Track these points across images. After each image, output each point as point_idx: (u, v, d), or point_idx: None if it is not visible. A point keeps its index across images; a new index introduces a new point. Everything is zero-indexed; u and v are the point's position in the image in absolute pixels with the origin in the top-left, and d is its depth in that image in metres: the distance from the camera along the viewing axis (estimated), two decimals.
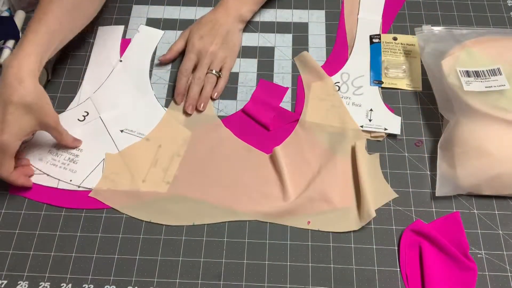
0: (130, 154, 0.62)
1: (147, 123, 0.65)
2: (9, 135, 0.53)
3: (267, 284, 0.54)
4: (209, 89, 0.66)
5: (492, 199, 0.59)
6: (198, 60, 0.67)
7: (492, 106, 0.58)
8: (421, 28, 0.67)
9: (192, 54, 0.67)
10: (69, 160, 0.62)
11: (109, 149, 0.63)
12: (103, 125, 0.64)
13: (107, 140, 0.63)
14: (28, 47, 0.54)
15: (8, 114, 0.52)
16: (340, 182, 0.60)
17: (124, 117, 0.65)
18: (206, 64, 0.67)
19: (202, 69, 0.66)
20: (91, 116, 0.65)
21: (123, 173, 0.61)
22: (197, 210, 0.59)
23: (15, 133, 0.53)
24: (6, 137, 0.53)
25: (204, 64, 0.66)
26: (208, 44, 0.67)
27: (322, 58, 0.71)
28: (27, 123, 0.54)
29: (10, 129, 0.53)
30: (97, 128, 0.64)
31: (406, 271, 0.54)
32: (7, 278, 0.55)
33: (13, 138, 0.53)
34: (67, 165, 0.62)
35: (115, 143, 0.63)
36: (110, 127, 0.64)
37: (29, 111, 0.54)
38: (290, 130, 0.64)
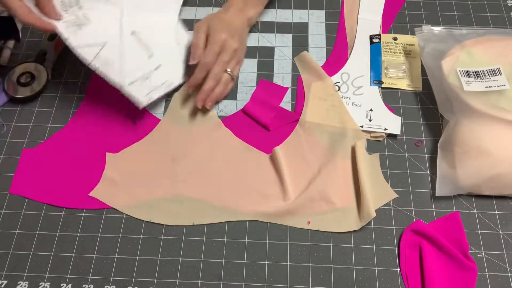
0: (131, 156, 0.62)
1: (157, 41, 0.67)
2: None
3: (267, 284, 0.54)
4: (222, 89, 0.65)
5: (492, 199, 0.59)
6: (218, 54, 0.64)
7: (492, 106, 0.58)
8: (421, 28, 0.67)
9: (217, 47, 0.63)
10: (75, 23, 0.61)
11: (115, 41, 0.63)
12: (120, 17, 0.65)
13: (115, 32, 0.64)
14: None
15: None
16: (340, 182, 0.60)
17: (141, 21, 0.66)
18: (226, 61, 0.64)
19: (222, 65, 0.64)
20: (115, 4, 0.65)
21: (123, 173, 0.61)
22: (197, 210, 0.59)
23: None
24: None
25: (224, 61, 0.64)
26: (230, 40, 0.64)
27: (322, 58, 0.71)
28: None
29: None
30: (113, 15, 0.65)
31: (406, 271, 0.54)
32: (7, 278, 0.55)
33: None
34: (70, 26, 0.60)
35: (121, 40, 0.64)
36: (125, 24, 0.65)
37: None
38: (290, 130, 0.64)
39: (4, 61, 0.70)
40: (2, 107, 0.68)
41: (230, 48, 0.64)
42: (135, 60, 0.64)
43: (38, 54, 0.70)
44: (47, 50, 0.70)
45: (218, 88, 0.64)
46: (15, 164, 0.63)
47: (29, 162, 0.63)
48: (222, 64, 0.64)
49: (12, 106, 0.68)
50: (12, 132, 0.65)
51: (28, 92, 0.67)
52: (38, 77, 0.68)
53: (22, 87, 0.67)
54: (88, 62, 0.60)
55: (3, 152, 0.64)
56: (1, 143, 0.65)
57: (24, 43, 0.73)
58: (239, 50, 0.66)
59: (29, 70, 0.68)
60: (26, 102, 0.68)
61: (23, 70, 0.68)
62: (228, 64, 0.65)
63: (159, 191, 0.60)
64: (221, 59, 0.64)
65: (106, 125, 0.66)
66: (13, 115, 0.67)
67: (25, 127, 0.66)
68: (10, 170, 0.62)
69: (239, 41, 0.66)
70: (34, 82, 0.67)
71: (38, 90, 0.67)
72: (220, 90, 0.65)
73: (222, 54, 0.64)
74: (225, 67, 0.64)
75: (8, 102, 0.68)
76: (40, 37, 0.73)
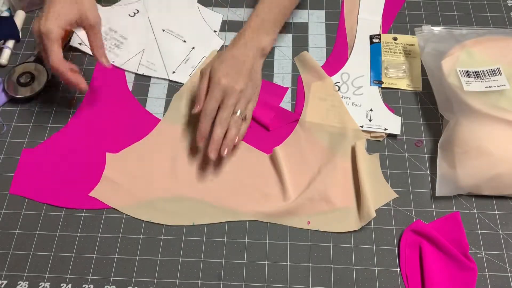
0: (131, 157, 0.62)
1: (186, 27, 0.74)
2: (51, 21, 0.56)
3: (267, 284, 0.54)
4: (235, 133, 0.59)
5: (492, 199, 0.59)
6: (222, 99, 0.59)
7: (492, 106, 0.58)
8: (421, 28, 0.67)
9: (217, 93, 0.58)
10: (115, 45, 0.72)
11: (151, 44, 0.72)
12: (149, 23, 0.74)
13: (150, 36, 0.73)
14: None
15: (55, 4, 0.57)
16: (340, 182, 0.60)
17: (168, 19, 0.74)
18: (232, 104, 0.59)
19: (228, 110, 0.58)
20: (141, 14, 0.76)
21: (123, 173, 0.61)
22: (197, 210, 0.59)
23: (56, 19, 0.57)
24: (49, 23, 0.56)
25: (229, 105, 0.58)
26: (233, 82, 0.59)
27: (322, 58, 0.71)
28: (70, 12, 0.58)
29: (53, 17, 0.56)
30: (143, 24, 0.74)
31: (406, 271, 0.54)
32: (7, 278, 0.55)
33: (54, 23, 0.56)
34: (112, 49, 0.72)
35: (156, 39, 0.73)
36: (155, 26, 0.74)
37: (75, 2, 0.58)
38: (290, 130, 0.64)
39: (4, 61, 0.71)
40: (2, 107, 0.68)
41: (233, 91, 0.59)
42: (173, 49, 0.72)
43: (38, 54, 0.70)
44: None
45: (229, 133, 0.59)
46: (15, 164, 0.63)
47: (29, 162, 0.63)
48: (227, 108, 0.59)
49: (12, 106, 0.68)
50: (12, 132, 0.65)
51: (28, 92, 0.67)
52: (38, 77, 0.68)
53: (22, 87, 0.67)
54: (134, 72, 0.70)
55: (3, 152, 0.64)
56: (1, 143, 0.65)
57: (24, 43, 0.73)
58: (247, 90, 0.61)
59: (29, 70, 0.68)
60: (26, 102, 0.68)
61: (23, 70, 0.68)
62: (238, 105, 0.60)
63: (159, 191, 0.60)
64: (225, 103, 0.59)
65: (106, 125, 0.66)
66: (13, 115, 0.67)
67: (25, 127, 0.66)
68: (10, 170, 0.62)
69: (244, 81, 0.60)
70: (34, 82, 0.67)
71: (38, 90, 0.67)
72: (233, 135, 0.59)
73: (227, 98, 0.59)
74: (231, 110, 0.59)
75: (8, 102, 0.68)
76: None
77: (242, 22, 0.75)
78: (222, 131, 0.58)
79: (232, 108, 0.59)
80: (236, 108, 0.59)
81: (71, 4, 0.58)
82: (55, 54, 0.57)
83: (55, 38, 0.57)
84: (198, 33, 0.74)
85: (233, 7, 0.77)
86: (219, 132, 0.58)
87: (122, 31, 0.74)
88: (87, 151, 0.63)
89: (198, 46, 0.72)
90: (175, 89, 0.69)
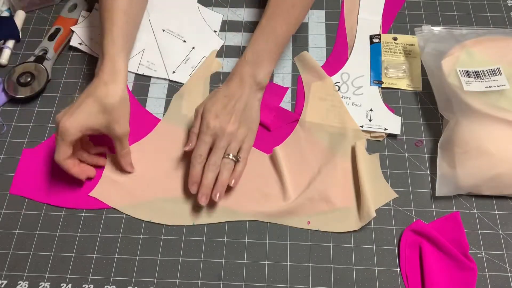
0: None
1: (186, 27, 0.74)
2: (73, 121, 0.54)
3: (267, 284, 0.54)
4: (226, 176, 0.57)
5: (492, 199, 0.59)
6: (213, 142, 0.57)
7: (492, 106, 0.58)
8: (421, 28, 0.67)
9: (207, 136, 0.57)
10: None
11: (151, 44, 0.72)
12: (150, 23, 0.74)
13: (150, 36, 0.73)
14: (113, 49, 0.58)
15: (83, 104, 0.55)
16: (340, 182, 0.60)
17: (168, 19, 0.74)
18: (223, 147, 0.57)
19: (218, 153, 0.57)
20: None
21: (123, 173, 0.61)
22: (197, 210, 0.59)
23: (78, 122, 0.54)
24: (69, 122, 0.54)
25: (220, 148, 0.57)
26: (224, 124, 0.57)
27: (322, 58, 0.71)
28: (95, 120, 0.55)
29: (76, 117, 0.54)
30: (143, 25, 0.73)
31: (406, 271, 0.54)
32: (7, 278, 0.55)
33: (75, 126, 0.54)
34: None
35: (156, 39, 0.73)
36: (155, 26, 0.74)
37: (104, 111, 0.55)
38: (290, 130, 0.64)
39: (4, 61, 0.71)
40: (2, 107, 0.68)
41: (224, 133, 0.57)
42: (173, 49, 0.72)
43: (38, 54, 0.70)
44: (47, 50, 0.70)
45: (220, 177, 0.57)
46: (15, 164, 0.63)
47: (29, 162, 0.63)
48: (218, 151, 0.57)
49: (12, 106, 0.68)
50: (12, 132, 0.65)
51: (28, 92, 0.67)
52: (38, 77, 0.68)
53: (22, 87, 0.67)
54: (134, 72, 0.70)
55: (3, 152, 0.64)
56: (1, 143, 0.65)
57: (24, 43, 0.73)
58: (239, 130, 0.58)
59: (29, 70, 0.68)
60: (26, 102, 0.68)
61: (23, 70, 0.68)
62: (230, 148, 0.58)
63: (159, 191, 0.60)
64: (216, 146, 0.57)
65: None
66: (13, 115, 0.67)
67: (25, 127, 0.66)
68: (10, 170, 0.62)
69: (236, 121, 0.58)
70: (34, 82, 0.67)
71: (38, 90, 0.67)
72: (224, 179, 0.57)
73: (217, 141, 0.57)
74: (221, 153, 0.57)
75: (8, 102, 0.68)
76: (40, 37, 0.73)
77: (242, 22, 0.75)
78: (213, 175, 0.57)
79: (223, 151, 0.57)
80: (228, 151, 0.58)
81: (99, 113, 0.55)
82: (62, 153, 0.55)
83: (68, 140, 0.54)
84: (198, 33, 0.74)
85: (233, 7, 0.77)
86: (210, 177, 0.56)
87: None
88: None
89: (198, 46, 0.73)
90: (175, 89, 0.69)
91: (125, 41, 0.60)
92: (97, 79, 0.57)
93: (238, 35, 0.74)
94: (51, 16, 0.76)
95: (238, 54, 0.72)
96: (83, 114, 0.55)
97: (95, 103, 0.55)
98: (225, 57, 0.72)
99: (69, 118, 0.54)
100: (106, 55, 0.58)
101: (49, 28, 0.74)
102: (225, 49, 0.73)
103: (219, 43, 0.73)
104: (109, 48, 0.58)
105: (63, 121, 0.54)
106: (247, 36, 0.74)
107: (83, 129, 0.55)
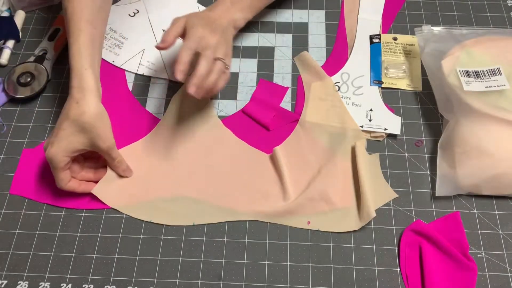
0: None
1: None
2: (56, 149, 0.54)
3: (267, 284, 0.54)
4: (216, 78, 0.57)
5: (492, 199, 0.59)
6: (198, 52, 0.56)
7: (492, 106, 0.58)
8: (421, 28, 0.67)
9: (192, 42, 0.56)
10: (115, 45, 0.72)
11: (151, 44, 0.72)
12: (149, 23, 0.74)
13: (150, 36, 0.73)
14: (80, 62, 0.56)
15: (61, 130, 0.54)
16: (340, 182, 0.60)
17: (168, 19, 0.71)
18: (211, 54, 0.56)
19: (208, 58, 0.56)
20: (141, 14, 0.76)
21: None
22: (197, 210, 0.59)
23: (62, 149, 0.54)
24: (53, 151, 0.54)
25: (208, 54, 0.56)
26: (209, 35, 0.57)
27: (322, 58, 0.71)
28: (77, 141, 0.55)
29: (58, 144, 0.54)
30: (143, 25, 0.74)
31: (406, 271, 0.54)
32: (7, 278, 0.55)
33: (60, 153, 0.54)
34: (112, 49, 0.72)
35: (156, 39, 0.73)
36: (155, 26, 0.74)
37: (83, 131, 0.54)
38: (290, 130, 0.64)
39: (4, 61, 0.71)
40: (2, 107, 0.68)
41: (208, 42, 0.56)
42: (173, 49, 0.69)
43: (38, 54, 0.70)
44: (47, 50, 0.70)
45: (211, 76, 0.56)
46: (15, 164, 0.63)
47: (29, 162, 0.63)
48: (207, 57, 0.56)
49: (12, 106, 0.68)
50: (12, 132, 0.65)
51: (28, 92, 0.67)
52: (38, 77, 0.68)
53: (22, 87, 0.67)
54: (134, 72, 0.70)
55: (3, 152, 0.64)
56: (1, 143, 0.65)
57: (24, 43, 0.73)
58: (221, 45, 0.58)
59: (29, 70, 0.68)
60: (26, 102, 0.68)
61: (23, 70, 0.68)
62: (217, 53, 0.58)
63: (159, 191, 0.60)
64: (204, 54, 0.56)
65: None
66: (13, 115, 0.67)
67: (25, 127, 0.66)
68: (10, 170, 0.62)
69: (220, 36, 0.58)
70: (34, 82, 0.67)
71: (38, 90, 0.67)
72: (214, 79, 0.57)
73: (204, 50, 0.56)
74: (211, 58, 0.56)
75: (8, 102, 0.68)
76: (40, 37, 0.73)
77: None
78: (207, 67, 0.55)
79: (211, 58, 0.56)
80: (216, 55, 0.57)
81: (79, 133, 0.54)
82: (61, 180, 0.56)
83: (59, 167, 0.54)
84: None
85: None
86: (204, 67, 0.55)
87: (122, 31, 0.74)
88: None
89: None
90: (175, 89, 0.69)
91: (93, 51, 0.58)
92: (70, 98, 0.56)
93: (238, 35, 0.74)
94: (51, 16, 0.76)
95: (238, 54, 0.72)
96: (64, 140, 0.54)
97: (72, 124, 0.54)
98: None
99: (52, 147, 0.54)
100: (74, 70, 0.56)
101: (49, 28, 0.74)
102: None
103: None
104: (75, 62, 0.56)
105: (48, 152, 0.54)
106: (247, 36, 0.74)
107: (68, 154, 0.55)
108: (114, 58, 0.71)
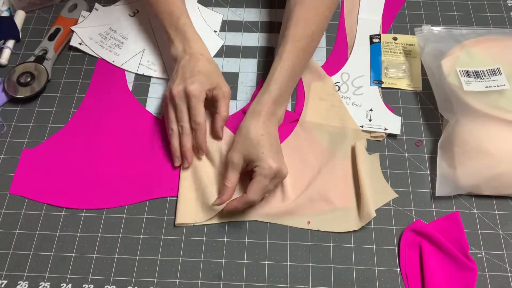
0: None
1: None
2: (197, 85, 0.60)
3: (267, 284, 0.54)
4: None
5: (492, 199, 0.59)
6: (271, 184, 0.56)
7: (492, 106, 0.58)
8: (421, 28, 0.67)
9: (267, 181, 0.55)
10: (115, 45, 0.72)
11: (151, 44, 0.73)
12: (149, 23, 0.74)
13: (150, 36, 0.73)
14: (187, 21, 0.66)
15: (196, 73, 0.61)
16: (340, 182, 0.60)
17: None
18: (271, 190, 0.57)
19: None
20: (141, 14, 0.76)
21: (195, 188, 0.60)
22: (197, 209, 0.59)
23: (200, 84, 0.60)
24: (195, 86, 0.60)
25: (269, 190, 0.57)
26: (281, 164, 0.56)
27: (322, 58, 0.71)
28: (206, 80, 0.61)
29: (197, 80, 0.60)
30: (143, 25, 0.74)
31: (406, 271, 0.54)
32: (7, 278, 0.55)
33: (200, 87, 0.60)
34: (112, 49, 0.72)
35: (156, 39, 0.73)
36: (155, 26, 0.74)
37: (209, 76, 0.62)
38: (290, 130, 0.64)
39: (4, 61, 0.71)
40: (2, 107, 0.68)
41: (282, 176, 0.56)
42: None
43: (38, 54, 0.70)
44: (47, 50, 0.70)
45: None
46: (15, 164, 0.63)
47: (29, 162, 0.63)
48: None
49: (12, 106, 0.68)
50: (12, 132, 0.65)
51: (28, 92, 0.67)
52: (38, 77, 0.68)
53: (22, 87, 0.67)
54: (134, 72, 0.70)
55: (3, 152, 0.64)
56: (1, 143, 0.65)
57: (24, 43, 0.73)
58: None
59: (29, 70, 0.68)
60: (26, 102, 0.68)
61: (23, 70, 0.68)
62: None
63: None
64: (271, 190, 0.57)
65: (106, 125, 0.65)
66: (13, 115, 0.67)
67: (25, 127, 0.66)
68: (10, 170, 0.62)
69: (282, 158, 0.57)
70: (34, 82, 0.67)
71: (38, 90, 0.67)
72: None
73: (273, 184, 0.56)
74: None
75: (8, 102, 0.68)
76: (40, 37, 0.73)
77: (242, 22, 0.75)
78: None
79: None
80: None
81: (207, 76, 0.61)
82: (203, 113, 0.60)
83: (202, 98, 0.60)
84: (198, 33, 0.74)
85: (233, 7, 0.77)
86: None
87: (122, 31, 0.74)
88: (87, 151, 0.63)
89: None
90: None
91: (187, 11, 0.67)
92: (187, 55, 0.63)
93: (238, 35, 0.74)
94: (51, 16, 0.76)
95: (238, 54, 0.72)
96: (200, 78, 0.60)
97: (200, 73, 0.61)
98: (225, 57, 0.72)
99: (192, 84, 0.60)
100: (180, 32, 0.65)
101: (49, 28, 0.74)
102: (225, 49, 0.73)
103: (219, 43, 0.73)
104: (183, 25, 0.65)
105: (192, 87, 0.59)
106: (247, 36, 0.74)
107: (205, 89, 0.60)
108: (114, 58, 0.71)
